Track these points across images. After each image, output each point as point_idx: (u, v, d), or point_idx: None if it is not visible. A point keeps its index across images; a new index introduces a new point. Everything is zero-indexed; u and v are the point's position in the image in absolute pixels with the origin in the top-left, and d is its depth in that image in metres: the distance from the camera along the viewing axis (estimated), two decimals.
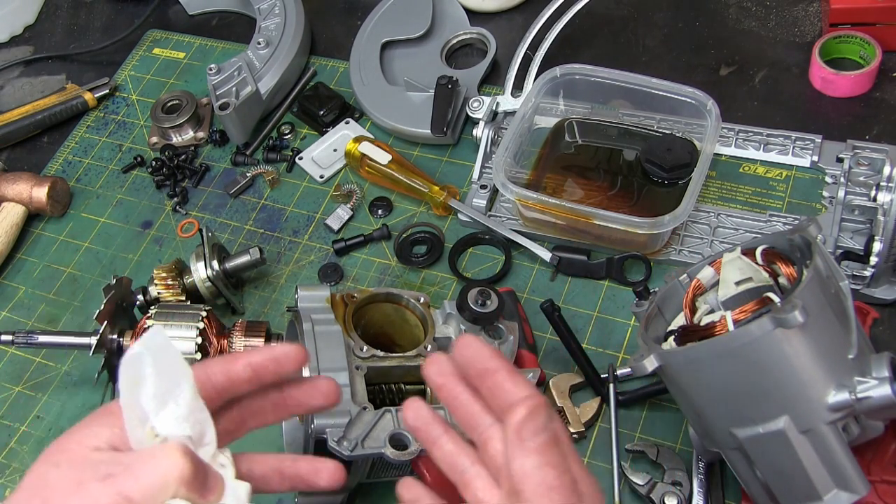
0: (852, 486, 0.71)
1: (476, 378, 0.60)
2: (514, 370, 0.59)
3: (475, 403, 0.61)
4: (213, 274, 1.02)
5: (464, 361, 0.60)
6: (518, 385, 0.58)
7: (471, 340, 0.60)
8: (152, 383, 0.57)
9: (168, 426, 0.57)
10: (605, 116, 1.11)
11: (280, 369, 0.65)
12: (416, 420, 0.63)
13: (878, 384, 0.70)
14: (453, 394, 0.61)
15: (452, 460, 0.62)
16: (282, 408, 0.68)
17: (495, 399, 0.59)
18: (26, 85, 1.41)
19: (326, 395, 0.68)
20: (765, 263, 0.78)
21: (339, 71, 1.29)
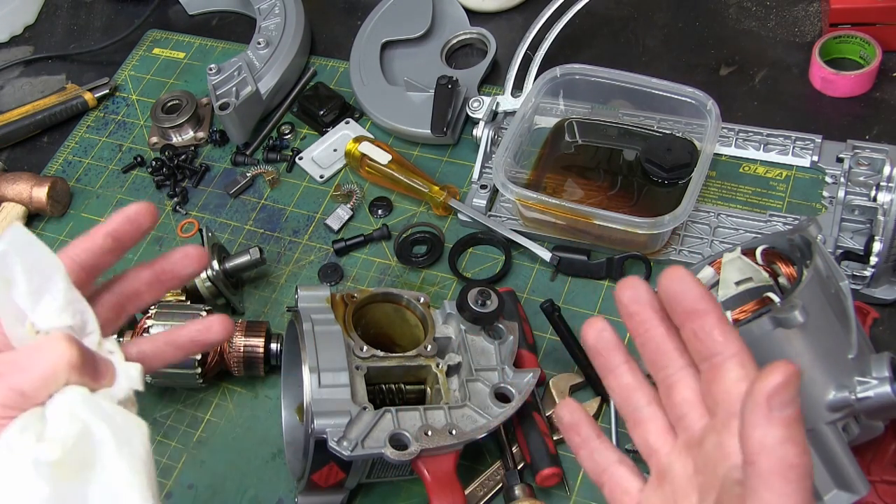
0: (852, 486, 0.71)
1: (681, 315, 0.55)
2: (725, 319, 0.54)
3: (668, 341, 0.56)
4: (213, 274, 1.02)
5: (670, 294, 0.55)
6: (728, 338, 0.53)
7: (682, 274, 0.55)
8: (24, 280, 0.57)
9: (47, 319, 0.57)
10: (605, 116, 1.11)
11: (136, 228, 0.65)
12: (598, 341, 0.59)
13: (878, 384, 0.70)
14: (646, 325, 0.57)
15: (627, 394, 0.58)
16: (156, 284, 0.68)
17: (698, 344, 0.54)
18: (26, 85, 1.41)
19: (196, 259, 0.68)
20: (765, 263, 0.78)
21: (339, 71, 1.29)
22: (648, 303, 0.57)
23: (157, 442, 0.99)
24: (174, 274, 0.68)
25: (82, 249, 0.64)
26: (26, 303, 0.57)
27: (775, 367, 0.48)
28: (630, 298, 0.58)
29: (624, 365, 0.58)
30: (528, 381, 0.86)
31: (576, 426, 0.61)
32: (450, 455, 0.81)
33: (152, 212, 0.65)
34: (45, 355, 0.56)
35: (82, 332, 0.60)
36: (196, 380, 0.96)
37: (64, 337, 0.56)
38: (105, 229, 0.64)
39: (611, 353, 0.59)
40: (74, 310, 0.59)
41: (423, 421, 0.81)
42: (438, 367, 0.86)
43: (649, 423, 0.57)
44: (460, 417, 0.82)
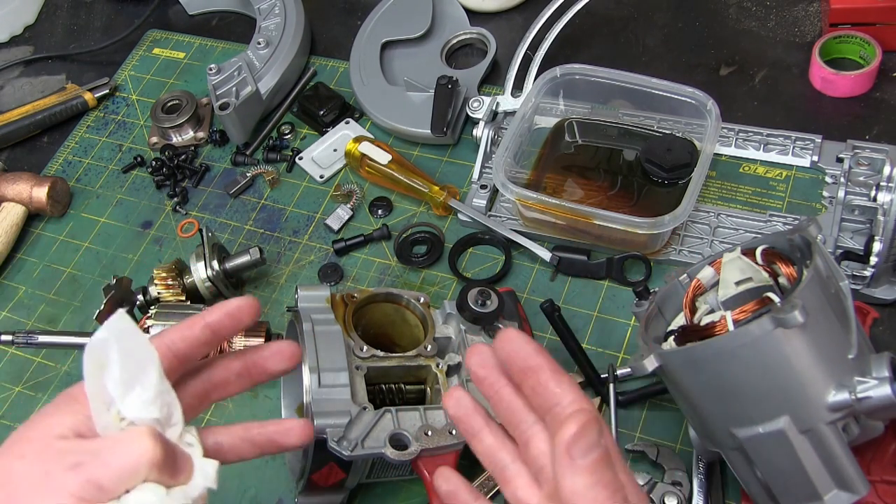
0: (852, 486, 0.71)
1: (518, 374, 0.58)
2: (558, 369, 0.57)
3: (517, 399, 0.59)
4: (213, 274, 1.02)
5: (505, 356, 0.58)
6: (563, 387, 0.56)
7: (513, 335, 0.58)
8: (118, 368, 0.57)
9: (135, 410, 0.57)
10: (605, 116, 1.11)
11: (237, 323, 0.65)
12: (458, 409, 0.61)
13: (878, 384, 0.70)
14: (495, 388, 0.59)
15: (493, 454, 0.60)
16: (245, 377, 0.67)
17: (538, 398, 0.57)
18: (26, 85, 1.41)
19: (288, 357, 0.68)
20: (765, 263, 0.78)
21: (339, 71, 1.29)
22: (494, 366, 0.60)
23: None
24: (264, 369, 0.68)
25: (180, 338, 0.63)
26: (117, 391, 0.57)
27: (570, 418, 0.53)
28: (477, 364, 0.60)
29: (485, 428, 0.61)
30: None
31: (454, 494, 0.63)
32: (450, 455, 0.81)
33: (255, 308, 0.65)
34: (129, 449, 0.55)
35: (167, 423, 0.59)
36: None
37: (149, 432, 0.56)
38: (205, 321, 0.64)
39: (471, 418, 0.61)
40: (163, 402, 0.58)
41: (423, 421, 0.81)
42: (438, 367, 0.86)
43: (516, 479, 0.59)
44: None
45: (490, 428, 0.61)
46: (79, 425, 0.58)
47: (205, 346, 0.64)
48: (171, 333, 0.63)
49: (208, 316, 0.64)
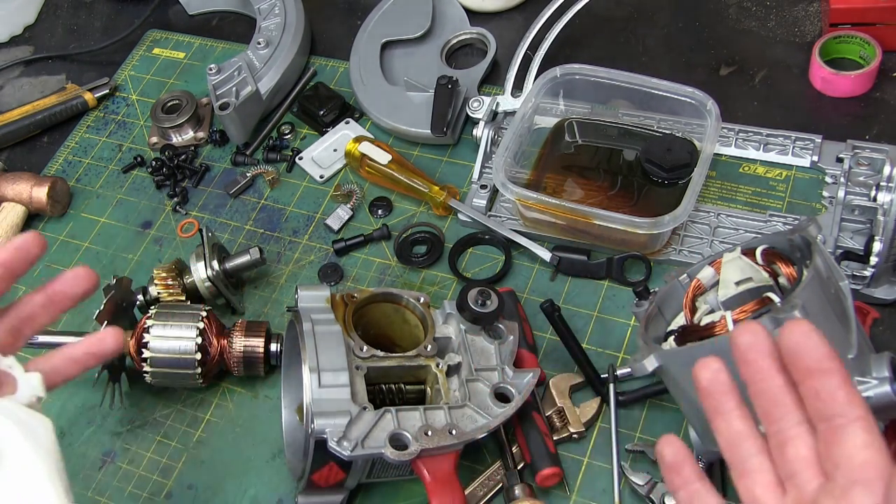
0: None
1: (802, 371, 0.53)
2: (850, 380, 0.52)
3: (786, 394, 0.54)
4: (213, 274, 1.02)
5: (791, 348, 0.53)
6: (854, 401, 0.51)
7: (807, 328, 0.53)
8: None
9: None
10: (605, 116, 1.11)
11: (26, 255, 0.70)
12: (712, 384, 0.56)
13: (878, 384, 0.70)
14: (762, 375, 0.54)
15: (737, 441, 0.56)
16: (49, 307, 0.72)
17: (819, 402, 0.52)
18: (26, 85, 1.41)
19: (85, 279, 0.72)
20: (765, 263, 0.78)
21: (339, 71, 1.29)
22: (768, 352, 0.55)
23: (157, 442, 0.99)
24: (66, 295, 0.73)
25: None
26: None
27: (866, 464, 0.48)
28: (748, 345, 0.55)
29: (736, 410, 0.56)
30: (528, 381, 0.86)
31: (678, 466, 0.58)
32: (450, 455, 0.81)
33: (40, 241, 0.71)
34: None
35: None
36: (196, 380, 0.96)
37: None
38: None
39: (723, 397, 0.56)
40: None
41: (423, 421, 0.81)
42: (438, 367, 0.86)
43: (757, 474, 0.55)
44: (460, 417, 0.82)
45: (742, 411, 0.56)
46: None
47: (2, 283, 0.69)
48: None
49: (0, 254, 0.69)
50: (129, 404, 1.02)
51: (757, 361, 0.55)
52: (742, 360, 0.55)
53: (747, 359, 0.55)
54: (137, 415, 1.02)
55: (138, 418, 1.01)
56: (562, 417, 0.91)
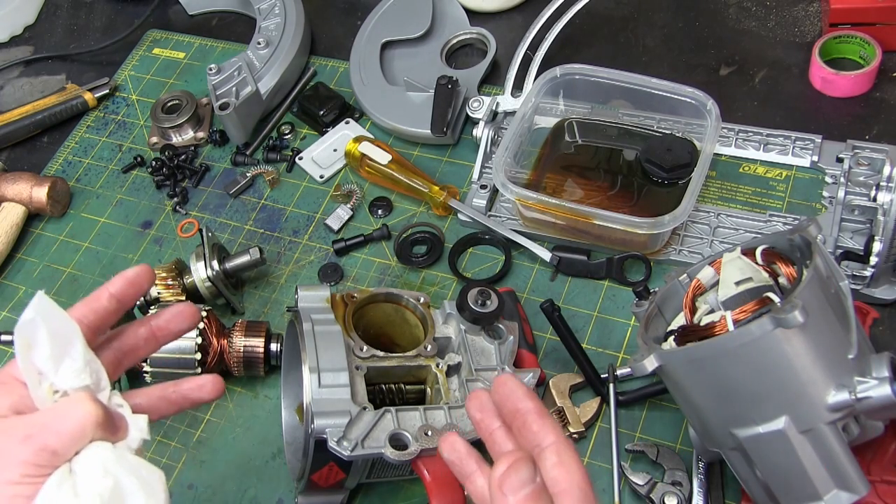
0: (852, 486, 0.71)
1: (508, 416, 0.63)
2: (543, 412, 0.62)
3: (508, 441, 0.64)
4: (213, 274, 1.02)
5: (498, 399, 0.64)
6: (545, 429, 0.61)
7: (507, 379, 0.64)
8: (47, 344, 0.62)
9: (68, 380, 0.62)
10: (605, 116, 1.11)
11: (138, 289, 0.71)
12: (452, 454, 0.65)
13: (878, 384, 0.70)
14: (489, 429, 0.65)
15: (484, 495, 0.63)
16: (151, 341, 0.73)
17: (523, 438, 0.62)
18: (26, 85, 1.41)
19: (189, 316, 0.74)
20: (765, 263, 0.78)
21: (339, 71, 1.29)
22: (491, 410, 0.65)
23: (157, 442, 0.99)
24: (168, 331, 0.74)
25: (90, 310, 0.68)
26: (48, 365, 0.62)
27: (501, 458, 0.58)
28: (476, 408, 0.66)
29: (477, 471, 0.64)
30: (528, 381, 0.86)
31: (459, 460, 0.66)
32: None
33: (149, 274, 0.72)
34: (74, 414, 0.61)
35: (97, 388, 0.64)
36: None
37: (88, 396, 0.61)
38: (109, 291, 0.69)
39: (464, 462, 0.64)
40: (91, 369, 0.64)
41: (423, 421, 0.81)
42: (438, 367, 0.86)
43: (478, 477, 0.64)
44: (460, 417, 0.82)
45: (482, 471, 0.64)
46: (16, 404, 0.63)
47: (113, 315, 0.70)
48: (80, 308, 0.68)
49: (111, 287, 0.70)
50: None
51: (483, 420, 0.65)
52: (475, 423, 0.66)
53: (476, 420, 0.65)
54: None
55: None
56: (562, 417, 0.91)
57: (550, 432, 0.61)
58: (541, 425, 0.61)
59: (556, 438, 0.60)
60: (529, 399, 0.63)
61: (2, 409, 0.63)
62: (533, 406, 0.62)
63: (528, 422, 0.62)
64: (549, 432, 0.61)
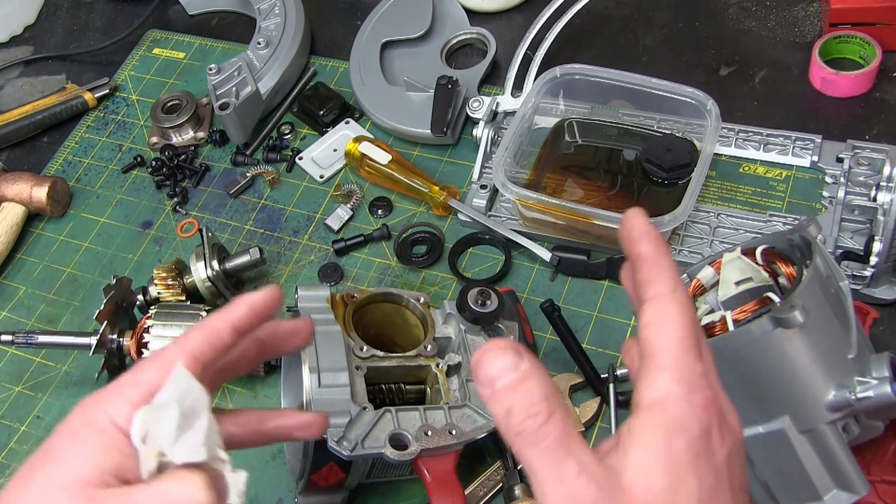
0: (852, 486, 0.71)
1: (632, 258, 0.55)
2: (655, 259, 0.53)
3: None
4: (213, 274, 1.02)
5: (622, 240, 0.56)
6: (650, 278, 0.53)
7: (631, 215, 0.55)
8: (175, 423, 0.54)
9: (183, 455, 0.54)
10: (605, 116, 1.11)
11: (263, 319, 0.62)
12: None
13: (878, 384, 0.70)
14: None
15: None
16: (258, 358, 0.67)
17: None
18: (26, 85, 1.41)
19: (304, 336, 0.67)
20: (765, 263, 0.78)
21: (339, 71, 1.29)
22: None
23: None
24: (278, 350, 0.67)
25: (209, 347, 0.59)
26: (167, 440, 0.54)
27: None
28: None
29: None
30: None
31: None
32: (450, 455, 0.81)
33: (279, 299, 0.63)
34: (184, 499, 0.52)
35: (211, 457, 0.56)
36: None
37: (202, 483, 0.53)
38: (233, 324, 0.60)
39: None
40: (209, 441, 0.55)
41: (423, 421, 0.81)
42: (438, 367, 0.86)
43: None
44: (460, 417, 0.82)
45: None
46: (120, 467, 0.54)
47: (230, 349, 0.61)
48: (198, 342, 0.59)
49: (234, 316, 0.60)
50: None
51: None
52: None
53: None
54: None
55: None
56: None
57: (654, 283, 0.52)
58: (648, 274, 0.53)
59: (657, 292, 0.52)
60: (646, 240, 0.54)
61: (105, 475, 0.53)
62: (644, 250, 0.53)
63: (637, 270, 0.53)
64: (653, 283, 0.52)
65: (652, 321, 0.51)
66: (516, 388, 0.48)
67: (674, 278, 0.52)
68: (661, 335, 0.51)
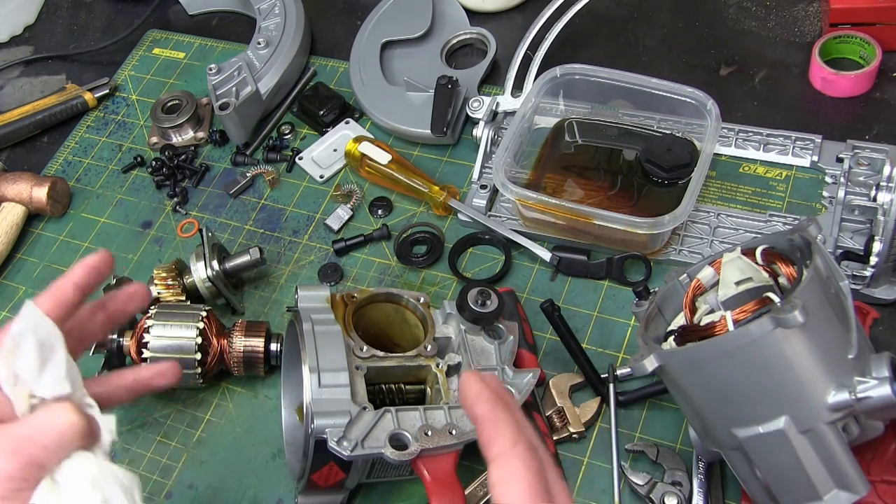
0: (852, 486, 0.71)
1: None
2: (494, 418, 0.58)
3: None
4: (213, 274, 1.02)
5: (464, 401, 0.61)
6: (490, 438, 0.58)
7: (467, 380, 0.60)
8: (33, 354, 0.62)
9: (49, 388, 0.63)
10: (605, 116, 1.11)
11: (100, 277, 0.72)
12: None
13: (878, 384, 0.70)
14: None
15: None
16: (107, 325, 0.76)
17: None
18: (26, 85, 1.41)
19: (142, 297, 0.77)
20: (765, 263, 0.78)
21: (339, 71, 1.29)
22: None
23: (157, 442, 0.99)
24: (123, 312, 0.76)
25: (55, 305, 0.69)
26: (30, 374, 0.63)
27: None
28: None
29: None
30: (528, 381, 0.86)
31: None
32: (450, 455, 0.81)
33: (110, 260, 0.73)
34: (58, 427, 0.61)
35: (75, 395, 0.64)
36: (196, 380, 0.96)
37: (72, 408, 0.61)
38: (73, 282, 0.70)
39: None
40: (70, 376, 0.64)
41: (423, 421, 0.81)
42: (438, 367, 0.86)
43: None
44: (460, 417, 0.82)
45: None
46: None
47: (76, 307, 0.71)
48: (47, 301, 0.68)
49: (75, 277, 0.71)
50: (128, 404, 1.02)
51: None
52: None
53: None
54: (137, 415, 1.01)
55: (138, 418, 1.01)
56: (562, 417, 0.91)
57: (495, 442, 0.57)
58: (487, 435, 0.58)
59: (498, 451, 0.57)
60: (480, 402, 0.59)
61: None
62: (481, 413, 0.58)
63: (478, 432, 0.59)
64: (493, 442, 0.57)
65: (497, 481, 0.55)
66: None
67: (513, 434, 0.56)
68: (508, 493, 0.54)
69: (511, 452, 0.56)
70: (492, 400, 0.59)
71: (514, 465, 0.55)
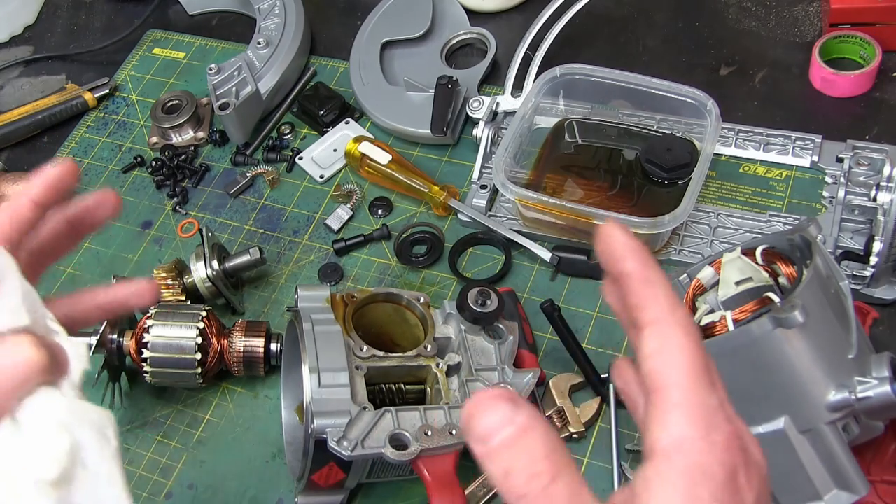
0: (852, 486, 0.71)
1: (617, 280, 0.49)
2: (646, 276, 0.47)
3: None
4: (213, 274, 1.02)
5: (603, 257, 0.49)
6: (645, 300, 0.46)
7: (609, 230, 0.48)
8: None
9: (4, 320, 0.54)
10: (605, 116, 1.11)
11: (61, 192, 0.63)
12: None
13: (878, 384, 0.70)
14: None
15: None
16: (73, 236, 0.66)
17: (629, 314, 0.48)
18: (26, 85, 1.41)
19: (112, 205, 0.67)
20: (765, 263, 0.78)
21: (339, 71, 1.29)
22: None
23: (157, 442, 0.99)
24: (90, 222, 0.66)
25: (8, 222, 0.60)
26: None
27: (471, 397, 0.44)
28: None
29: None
30: (528, 381, 0.86)
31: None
32: (450, 455, 0.81)
33: (74, 171, 0.63)
34: (15, 364, 0.52)
35: (35, 323, 0.55)
36: (196, 380, 0.96)
37: (30, 341, 0.52)
38: (31, 198, 0.61)
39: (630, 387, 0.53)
40: (28, 304, 0.55)
41: (423, 421, 0.81)
42: (438, 367, 0.86)
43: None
44: (460, 417, 0.82)
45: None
46: None
47: (34, 224, 0.62)
48: (1, 223, 0.60)
49: (32, 192, 0.61)
50: (128, 404, 1.02)
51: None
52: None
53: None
54: (137, 415, 1.01)
55: (138, 418, 1.01)
56: (562, 417, 0.91)
57: (650, 306, 0.46)
58: (640, 297, 0.46)
59: (655, 316, 0.45)
60: (631, 257, 0.47)
61: None
62: (631, 269, 0.47)
63: (628, 291, 0.47)
64: (647, 306, 0.46)
65: (654, 351, 0.45)
66: (514, 445, 0.42)
67: (670, 297, 0.46)
68: (667, 367, 0.44)
69: (671, 318, 0.45)
70: (645, 256, 0.47)
71: (676, 335, 0.45)
